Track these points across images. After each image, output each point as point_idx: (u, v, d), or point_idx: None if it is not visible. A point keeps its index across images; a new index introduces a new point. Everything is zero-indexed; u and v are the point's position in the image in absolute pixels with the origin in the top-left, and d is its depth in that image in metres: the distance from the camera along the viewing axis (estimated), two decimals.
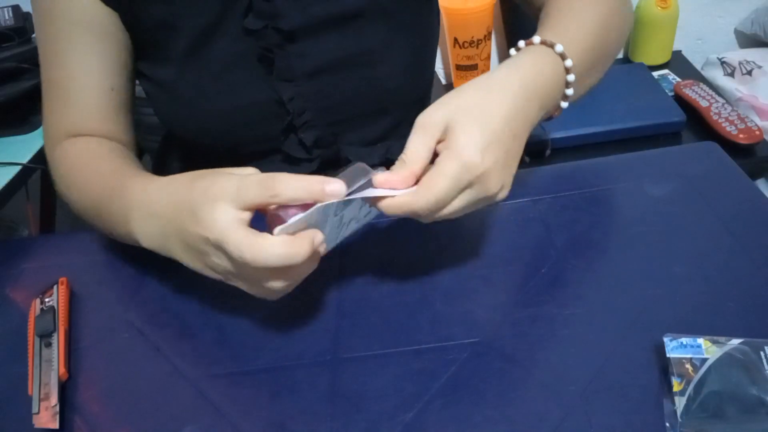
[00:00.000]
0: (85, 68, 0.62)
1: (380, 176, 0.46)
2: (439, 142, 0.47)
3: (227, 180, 0.46)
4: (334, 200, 0.45)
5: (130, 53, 0.65)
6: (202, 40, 0.62)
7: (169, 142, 0.84)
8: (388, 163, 0.72)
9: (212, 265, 0.47)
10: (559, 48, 0.51)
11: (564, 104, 0.54)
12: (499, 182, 0.47)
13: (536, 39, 0.52)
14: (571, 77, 0.52)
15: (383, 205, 0.47)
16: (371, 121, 0.70)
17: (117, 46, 0.63)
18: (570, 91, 0.53)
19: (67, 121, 0.64)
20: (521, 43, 0.52)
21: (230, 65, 0.63)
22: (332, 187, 0.44)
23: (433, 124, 0.46)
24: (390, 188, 0.46)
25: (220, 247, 0.45)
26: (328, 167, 0.72)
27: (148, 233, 0.51)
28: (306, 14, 0.61)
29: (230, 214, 0.44)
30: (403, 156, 0.47)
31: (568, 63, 0.51)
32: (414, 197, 0.45)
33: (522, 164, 0.51)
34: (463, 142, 0.45)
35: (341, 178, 0.46)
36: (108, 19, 0.62)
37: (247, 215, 0.45)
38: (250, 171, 0.48)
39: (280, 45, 0.62)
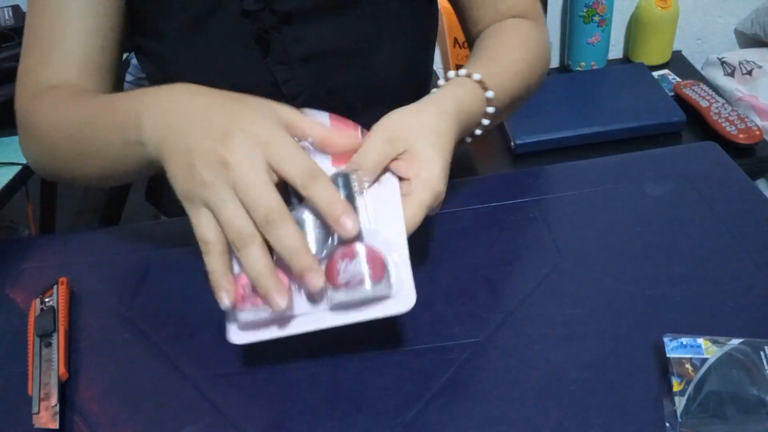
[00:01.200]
0: (78, 15, 0.60)
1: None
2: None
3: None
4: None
5: (124, 18, 0.64)
6: (199, 19, 0.62)
7: None
8: None
9: (216, 171, 0.43)
10: (476, 76, 0.57)
11: (477, 132, 0.59)
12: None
13: (462, 72, 0.57)
14: (490, 109, 0.58)
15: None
16: (366, 112, 0.70)
17: (113, 6, 0.62)
18: (486, 122, 0.59)
19: (48, 71, 0.61)
20: (451, 74, 0.57)
21: (227, 46, 0.63)
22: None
23: (398, 142, 0.49)
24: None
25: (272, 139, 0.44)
26: None
27: (162, 126, 0.47)
28: None
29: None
30: (364, 164, 0.48)
31: (489, 94, 0.57)
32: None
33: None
34: (435, 174, 0.48)
35: None
36: None
37: None
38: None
39: (276, 27, 0.63)
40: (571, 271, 0.56)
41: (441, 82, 0.58)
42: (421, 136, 0.49)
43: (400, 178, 0.49)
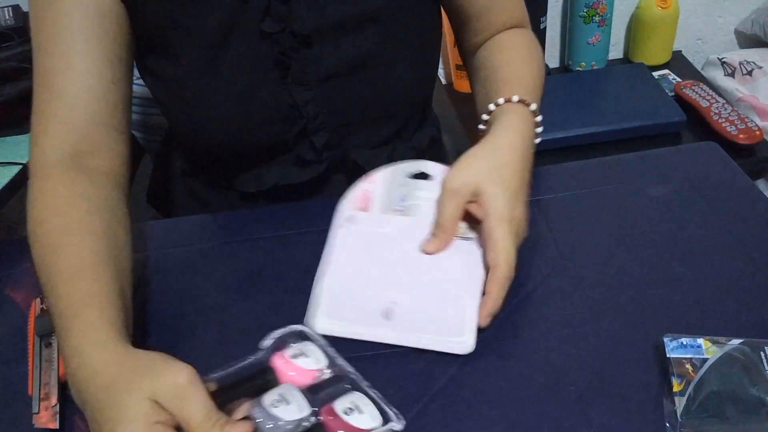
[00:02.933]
0: (83, 53, 0.57)
1: (428, 245, 0.54)
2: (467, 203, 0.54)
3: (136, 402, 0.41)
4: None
5: (131, 45, 0.62)
6: (217, 41, 0.61)
7: (172, 142, 0.84)
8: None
9: None
10: (533, 107, 0.60)
11: (537, 140, 0.62)
12: (527, 223, 0.56)
13: (515, 98, 0.60)
14: (539, 129, 0.62)
15: (486, 312, 0.51)
16: (379, 124, 0.71)
17: (119, 34, 0.60)
18: (537, 141, 0.62)
19: (61, 123, 0.57)
20: (501, 101, 0.61)
21: (246, 68, 0.63)
22: None
23: (463, 190, 0.54)
24: (435, 250, 0.54)
25: None
26: (336, 170, 0.72)
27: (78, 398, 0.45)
28: (321, 17, 0.61)
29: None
30: (440, 220, 0.54)
31: (539, 118, 0.61)
32: (499, 278, 0.51)
33: None
34: (499, 205, 0.52)
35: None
36: (110, 7, 0.58)
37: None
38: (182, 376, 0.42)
39: (296, 49, 0.62)
40: (571, 271, 0.56)
41: (484, 116, 0.62)
42: (483, 176, 0.54)
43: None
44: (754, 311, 0.50)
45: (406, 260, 0.54)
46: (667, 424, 0.43)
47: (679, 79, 1.50)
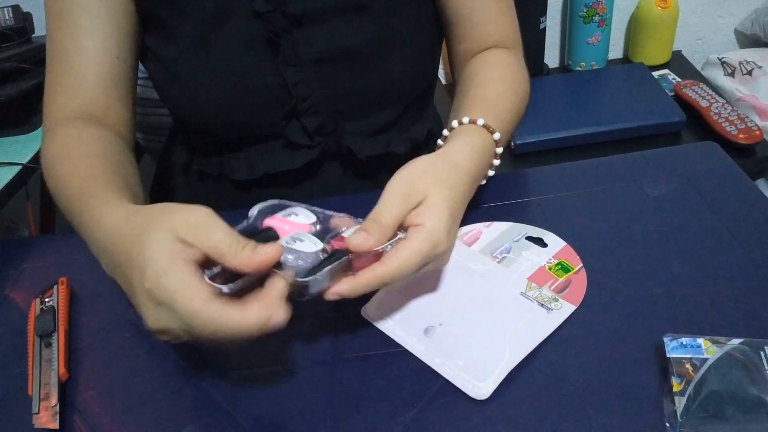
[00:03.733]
0: (90, 32, 0.62)
1: (355, 239, 0.46)
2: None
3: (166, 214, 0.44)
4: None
5: (136, 22, 0.65)
6: (210, 24, 0.62)
7: (174, 140, 0.84)
8: (388, 156, 0.72)
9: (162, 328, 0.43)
10: (496, 135, 0.58)
11: (490, 173, 0.61)
12: (450, 255, 0.52)
13: (480, 121, 0.58)
14: (499, 149, 0.60)
15: (355, 280, 0.46)
16: (374, 113, 0.71)
17: (125, 13, 0.63)
18: (496, 162, 0.60)
19: (67, 97, 0.63)
20: (465, 120, 0.58)
21: (237, 48, 0.63)
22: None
23: (413, 195, 0.49)
24: (364, 250, 0.46)
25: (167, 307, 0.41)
26: (329, 157, 0.72)
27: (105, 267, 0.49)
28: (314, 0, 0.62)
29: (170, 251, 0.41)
30: (378, 218, 0.48)
31: (500, 150, 0.60)
32: (385, 270, 0.46)
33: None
34: (438, 225, 0.48)
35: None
36: None
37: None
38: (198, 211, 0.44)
39: (287, 29, 0.63)
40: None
41: (446, 132, 0.60)
42: (435, 187, 0.50)
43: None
44: (754, 311, 0.50)
45: (471, 292, 0.54)
46: (667, 424, 0.43)
47: (679, 79, 1.50)
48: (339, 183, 0.74)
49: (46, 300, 0.57)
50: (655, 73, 1.50)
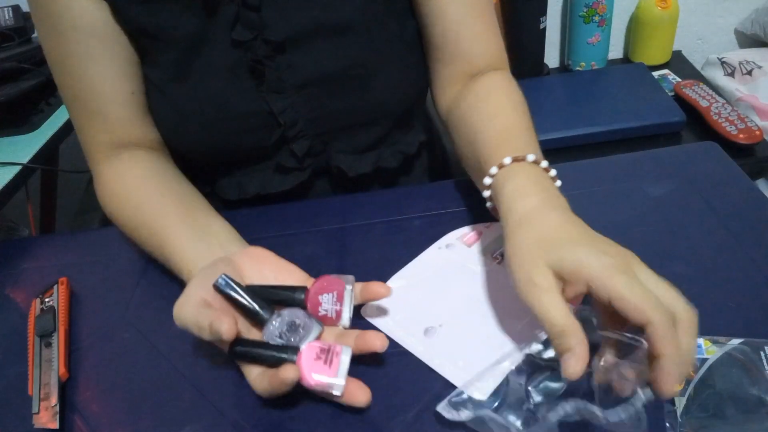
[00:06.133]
0: (102, 77, 0.62)
1: (569, 368, 0.41)
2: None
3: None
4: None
5: (136, 49, 0.64)
6: (190, 50, 0.61)
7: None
8: (378, 171, 0.72)
9: None
10: (544, 164, 0.53)
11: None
12: (634, 259, 0.45)
13: (544, 163, 0.53)
14: (558, 183, 0.54)
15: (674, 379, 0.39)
16: (362, 131, 0.70)
17: (124, 45, 0.62)
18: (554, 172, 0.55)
19: (100, 136, 0.65)
20: (507, 160, 0.53)
21: (220, 76, 0.62)
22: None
23: (552, 283, 0.44)
24: (582, 371, 0.41)
25: None
26: (319, 176, 0.72)
27: None
28: (294, 24, 0.61)
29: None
30: (555, 326, 0.42)
31: (554, 172, 0.54)
32: (661, 332, 0.39)
33: None
34: (594, 261, 0.42)
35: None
36: (107, 18, 0.60)
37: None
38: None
39: (270, 56, 0.62)
40: None
41: (494, 170, 0.53)
42: (554, 254, 0.44)
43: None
44: (754, 311, 0.50)
45: (471, 292, 0.54)
46: (667, 424, 0.43)
47: (679, 79, 1.50)
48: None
49: (46, 300, 0.57)
50: (655, 73, 1.50)
